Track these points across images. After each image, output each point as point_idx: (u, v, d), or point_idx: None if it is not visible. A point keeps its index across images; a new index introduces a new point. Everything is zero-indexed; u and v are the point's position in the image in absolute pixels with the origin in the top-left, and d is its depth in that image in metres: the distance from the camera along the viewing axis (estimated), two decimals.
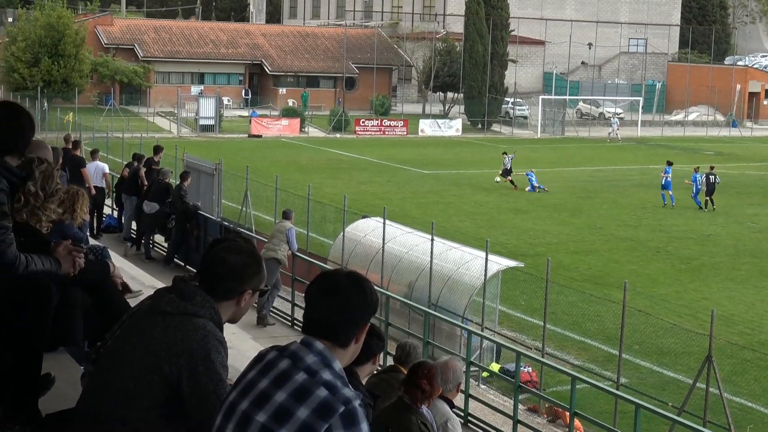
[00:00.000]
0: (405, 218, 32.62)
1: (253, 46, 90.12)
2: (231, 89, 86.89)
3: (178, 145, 38.48)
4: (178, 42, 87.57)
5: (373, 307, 3.82)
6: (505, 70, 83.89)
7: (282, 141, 65.38)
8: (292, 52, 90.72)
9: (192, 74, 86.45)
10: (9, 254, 5.42)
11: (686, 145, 70.56)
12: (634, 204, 43.78)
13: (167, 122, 71.54)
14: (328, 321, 3.75)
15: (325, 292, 3.76)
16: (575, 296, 25.19)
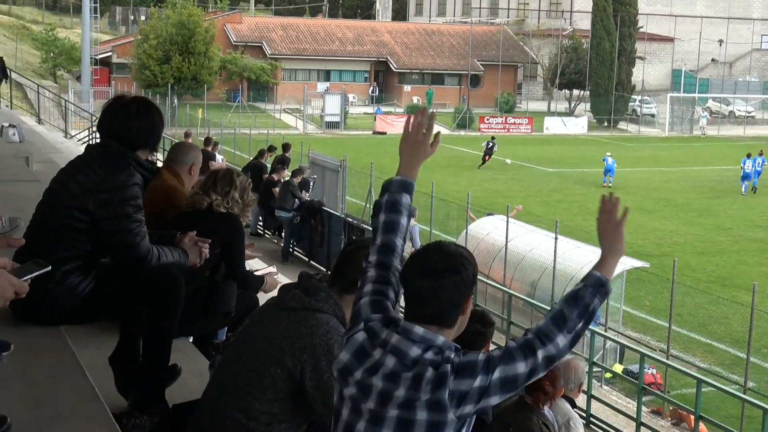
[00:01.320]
0: (528, 216, 32.44)
1: (379, 43, 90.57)
2: (356, 86, 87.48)
3: (303, 141, 38.93)
4: (305, 39, 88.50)
5: (472, 282, 3.82)
6: (633, 67, 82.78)
7: None
8: (417, 49, 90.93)
9: (318, 71, 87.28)
10: (143, 247, 5.62)
11: None
12: (764, 204, 42.79)
13: (293, 119, 72.39)
14: (426, 306, 3.77)
15: (420, 276, 3.77)
16: (702, 297, 24.75)
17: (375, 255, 4.11)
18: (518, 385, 3.72)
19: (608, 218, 4.13)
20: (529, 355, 3.71)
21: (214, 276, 6.72)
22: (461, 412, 3.65)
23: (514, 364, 3.69)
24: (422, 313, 3.77)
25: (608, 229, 4.10)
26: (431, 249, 3.86)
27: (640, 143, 68.14)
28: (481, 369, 3.67)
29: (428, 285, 3.74)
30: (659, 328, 23.30)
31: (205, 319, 6.73)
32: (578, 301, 3.84)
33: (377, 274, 4.06)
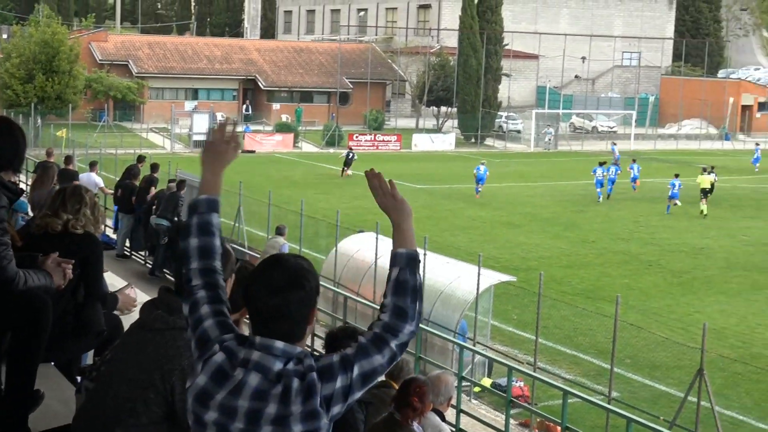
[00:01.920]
0: None
1: (248, 61, 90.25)
2: (225, 104, 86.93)
3: (171, 160, 38.55)
4: (172, 58, 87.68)
5: (316, 292, 3.87)
6: (499, 84, 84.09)
7: (275, 156, 65.47)
8: (286, 67, 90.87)
9: (186, 90, 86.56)
10: (9, 270, 5.51)
11: (679, 158, 70.68)
12: (627, 218, 43.90)
13: (161, 138, 71.61)
14: (277, 323, 3.79)
15: (266, 295, 3.78)
16: (567, 310, 25.26)
17: (199, 279, 4.05)
18: (378, 376, 3.84)
19: (382, 192, 4.26)
20: (383, 348, 3.82)
21: (75, 297, 6.64)
22: (332, 413, 3.71)
23: (371, 358, 3.79)
24: (272, 330, 3.78)
25: (387, 200, 4.23)
26: (272, 266, 3.86)
27: (507, 159, 69.24)
28: (340, 369, 3.74)
29: (275, 303, 3.75)
30: (526, 341, 23.69)
31: (76, 340, 6.63)
32: (406, 289, 3.94)
33: (210, 295, 4.02)
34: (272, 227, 25.44)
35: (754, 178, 60.57)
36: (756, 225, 42.90)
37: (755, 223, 43.34)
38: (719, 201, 49.79)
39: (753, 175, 62.28)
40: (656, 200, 49.32)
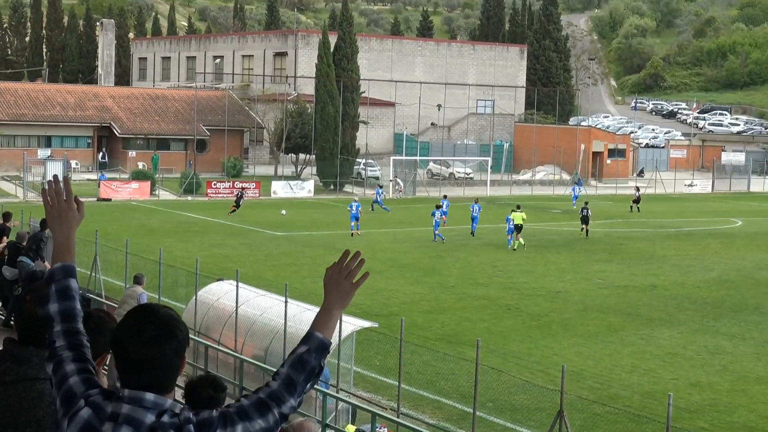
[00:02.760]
0: (259, 281, 32.47)
1: (102, 108, 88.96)
2: (80, 152, 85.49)
3: (24, 209, 37.62)
4: (23, 105, 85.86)
5: (186, 343, 3.83)
6: (357, 131, 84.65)
7: (132, 204, 64.52)
8: (141, 114, 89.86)
9: (39, 137, 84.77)
10: None
11: (534, 204, 72.08)
12: (485, 262, 44.46)
13: (13, 186, 69.90)
14: (148, 374, 3.70)
15: (137, 345, 3.70)
16: (429, 355, 25.36)
17: (63, 340, 4.06)
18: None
19: (346, 274, 4.22)
20: (265, 413, 3.80)
21: None
22: None
23: (253, 422, 3.76)
24: (143, 381, 3.69)
25: (342, 283, 4.19)
26: (141, 316, 3.79)
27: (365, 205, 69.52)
28: (219, 425, 3.67)
29: (148, 354, 3.67)
30: (390, 387, 23.67)
31: None
32: (305, 366, 3.91)
33: (74, 354, 4.01)
34: (130, 276, 24.97)
35: (608, 222, 62.00)
36: (610, 268, 43.90)
37: (609, 267, 44.35)
38: (574, 245, 50.91)
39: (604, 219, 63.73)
40: None
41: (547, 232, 56.20)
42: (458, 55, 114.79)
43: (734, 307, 36.16)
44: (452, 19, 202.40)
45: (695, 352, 29.07)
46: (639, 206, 67.94)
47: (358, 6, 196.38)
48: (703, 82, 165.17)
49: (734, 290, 39.50)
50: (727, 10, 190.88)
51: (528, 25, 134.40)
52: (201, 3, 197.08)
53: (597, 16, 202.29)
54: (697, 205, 73.72)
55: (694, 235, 57.48)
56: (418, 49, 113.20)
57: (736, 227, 60.50)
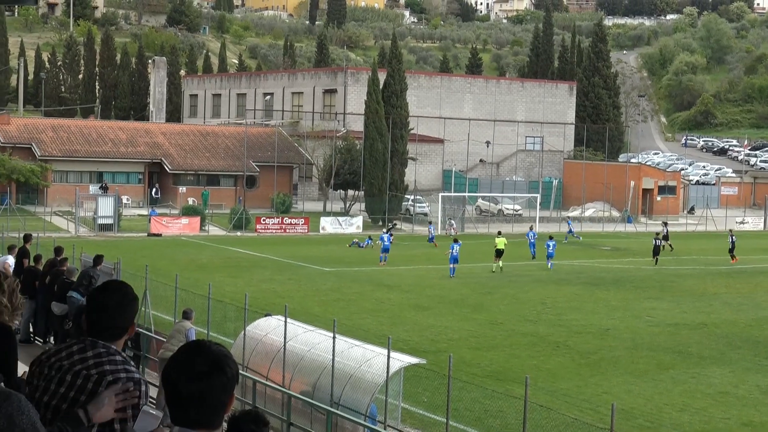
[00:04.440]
0: (307, 316, 32.51)
1: (153, 144, 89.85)
2: (130, 188, 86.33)
3: (75, 244, 38.00)
4: (76, 141, 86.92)
5: (236, 380, 3.84)
6: (405, 167, 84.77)
7: (182, 240, 64.96)
8: (192, 150, 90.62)
9: (90, 173, 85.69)
10: None
11: (583, 241, 71.73)
12: (533, 299, 44.23)
13: (65, 221, 70.64)
14: (197, 410, 3.72)
15: (186, 379, 3.72)
16: (477, 392, 25.22)
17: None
18: None
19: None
20: None
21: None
22: None
23: None
24: (192, 416, 3.71)
25: None
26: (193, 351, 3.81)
27: (414, 242, 69.56)
28: None
29: (197, 389, 3.70)
30: (437, 424, 23.56)
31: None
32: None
33: None
34: (179, 311, 25.09)
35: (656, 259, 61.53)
36: (660, 306, 43.52)
37: (659, 304, 43.96)
38: (623, 282, 50.54)
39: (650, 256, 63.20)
40: (562, 281, 49.89)
41: (597, 269, 55.85)
42: (507, 91, 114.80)
43: None
44: (501, 56, 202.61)
45: (747, 391, 28.70)
46: (670, 243, 66.87)
47: (407, 43, 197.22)
48: (755, 119, 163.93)
49: None
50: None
51: (577, 62, 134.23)
52: (251, 41, 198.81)
53: (647, 53, 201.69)
54: (749, 243, 72.94)
55: (746, 273, 56.88)
56: (467, 85, 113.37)
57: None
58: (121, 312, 5.17)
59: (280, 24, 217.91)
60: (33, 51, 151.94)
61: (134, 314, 5.29)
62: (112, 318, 5.14)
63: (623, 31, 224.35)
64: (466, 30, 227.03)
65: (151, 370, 24.42)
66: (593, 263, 58.71)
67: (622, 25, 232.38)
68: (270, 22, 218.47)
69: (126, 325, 5.21)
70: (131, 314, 5.23)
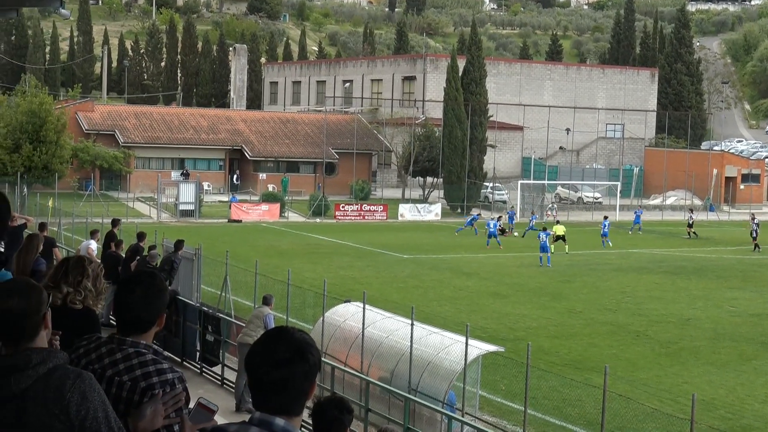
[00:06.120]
0: (385, 303, 32.59)
1: (234, 131, 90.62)
2: (211, 174, 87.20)
3: (157, 230, 38.50)
4: (158, 128, 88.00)
5: (318, 368, 3.86)
6: (484, 155, 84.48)
7: (262, 226, 65.47)
8: (272, 137, 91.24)
9: (172, 159, 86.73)
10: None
11: (664, 229, 70.94)
12: (613, 288, 43.86)
13: (147, 207, 71.58)
14: (279, 396, 3.76)
15: (269, 367, 3.76)
16: (556, 381, 25.11)
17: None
18: None
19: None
20: None
21: None
22: None
23: None
24: (273, 403, 3.75)
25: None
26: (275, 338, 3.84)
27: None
28: None
29: (279, 376, 3.73)
30: (515, 412, 23.51)
31: None
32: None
33: None
34: (259, 297, 25.31)
35: (740, 249, 60.67)
36: (742, 296, 42.91)
37: (742, 294, 43.35)
38: (705, 272, 49.92)
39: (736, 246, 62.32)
40: (643, 270, 49.42)
41: (678, 258, 55.21)
42: (587, 78, 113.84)
43: None
44: (582, 42, 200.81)
45: None
46: (695, 231, 66.15)
47: (487, 30, 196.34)
48: None
49: None
50: None
51: (659, 48, 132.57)
52: (331, 28, 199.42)
53: (731, 39, 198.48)
54: None
55: None
56: (547, 72, 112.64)
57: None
58: (146, 304, 4.99)
59: (359, 11, 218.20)
60: (116, 39, 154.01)
61: (163, 306, 5.09)
62: (138, 311, 4.98)
63: (707, 16, 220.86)
64: (546, 16, 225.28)
65: (230, 354, 24.69)
66: (674, 252, 58.04)
67: (706, 11, 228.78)
68: (350, 10, 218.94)
69: (153, 318, 5.04)
70: (159, 306, 5.05)
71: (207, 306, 26.58)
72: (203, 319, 24.71)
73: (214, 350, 24.40)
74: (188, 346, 25.27)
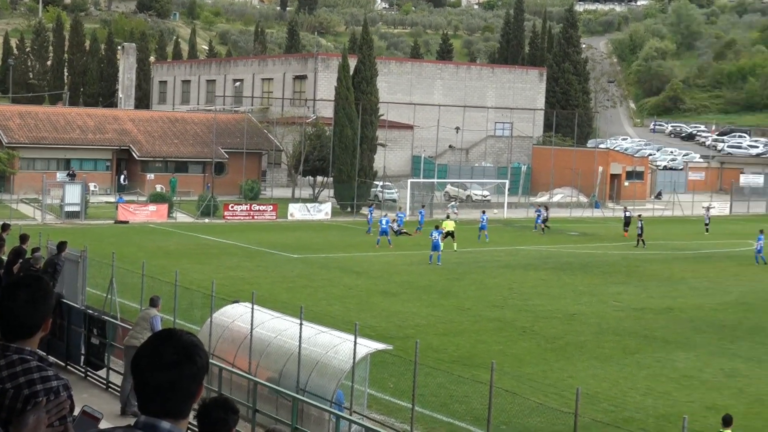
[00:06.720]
0: (274, 303, 32.53)
1: (121, 131, 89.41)
2: (98, 175, 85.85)
3: (42, 232, 37.84)
4: (44, 128, 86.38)
5: (205, 370, 3.84)
6: (375, 153, 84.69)
7: (149, 227, 64.73)
8: (160, 137, 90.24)
9: (58, 160, 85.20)
10: None
11: (551, 226, 71.99)
12: (500, 285, 44.40)
13: (32, 209, 70.21)
14: (165, 399, 3.73)
15: (155, 368, 3.73)
16: (443, 378, 25.35)
17: None
18: None
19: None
20: None
21: None
22: None
23: None
24: (160, 407, 3.72)
25: None
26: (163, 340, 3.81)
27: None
28: None
29: (166, 378, 3.70)
30: (403, 410, 23.63)
31: None
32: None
33: None
34: (146, 298, 25.04)
35: (624, 245, 61.91)
36: (626, 290, 43.80)
37: (626, 289, 44.25)
38: (590, 267, 50.80)
39: (618, 242, 63.58)
40: (530, 267, 50.09)
41: (564, 254, 56.09)
42: (477, 77, 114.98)
43: (752, 329, 36.04)
44: (472, 42, 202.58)
45: (711, 374, 28.98)
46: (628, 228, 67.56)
47: (378, 29, 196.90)
48: (723, 105, 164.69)
49: (752, 313, 39.36)
50: (747, 32, 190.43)
51: (548, 47, 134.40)
52: (222, 27, 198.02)
53: (617, 39, 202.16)
54: (716, 228, 73.43)
55: (712, 258, 57.32)
56: (438, 71, 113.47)
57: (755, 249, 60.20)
58: (31, 309, 4.87)
59: (250, 10, 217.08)
60: (1, 37, 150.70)
61: (49, 311, 4.93)
62: (22, 316, 4.85)
63: (594, 16, 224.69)
64: (437, 16, 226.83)
65: (116, 357, 24.40)
66: (561, 248, 58.96)
67: (593, 11, 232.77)
68: (241, 8, 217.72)
69: (38, 323, 4.90)
70: (44, 311, 4.91)
71: (92, 309, 26.20)
72: (88, 322, 24.37)
73: (99, 353, 24.10)
74: (72, 349, 24.90)
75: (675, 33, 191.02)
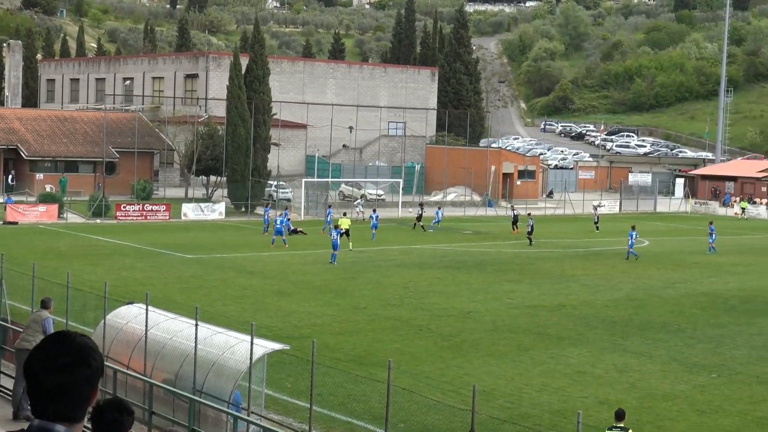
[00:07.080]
0: (169, 304, 32.19)
1: (8, 130, 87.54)
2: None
3: None
4: None
5: (100, 372, 3.77)
6: (268, 153, 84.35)
7: (39, 228, 63.51)
8: (49, 136, 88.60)
9: None
10: None
11: (445, 225, 72.48)
12: (396, 284, 44.57)
13: None
14: (59, 402, 3.65)
15: (48, 371, 3.65)
16: (341, 377, 25.35)
17: None
18: None
19: None
20: None
21: None
22: None
23: None
24: (54, 410, 3.64)
25: None
26: (56, 343, 3.73)
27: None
28: None
29: (60, 381, 3.63)
30: (301, 410, 23.58)
31: None
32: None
33: None
34: (37, 301, 24.57)
35: (517, 243, 62.64)
36: (520, 288, 44.33)
37: (519, 287, 44.77)
38: (485, 266, 51.31)
39: (513, 239, 64.35)
40: (425, 265, 50.38)
41: (458, 253, 56.56)
42: (370, 77, 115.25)
43: (642, 325, 36.75)
44: (364, 41, 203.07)
45: (604, 370, 29.47)
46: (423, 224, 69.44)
47: (270, 28, 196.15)
48: (611, 105, 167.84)
49: (641, 309, 40.15)
50: (633, 34, 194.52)
51: (439, 48, 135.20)
52: (111, 25, 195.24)
53: (507, 39, 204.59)
54: (605, 226, 74.77)
55: (602, 255, 58.32)
56: (330, 71, 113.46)
57: (643, 247, 61.50)
58: None
59: (140, 8, 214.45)
60: None
61: None
62: None
63: (484, 17, 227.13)
64: (328, 15, 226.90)
65: (7, 361, 23.88)
66: (455, 247, 59.42)
67: (483, 12, 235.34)
68: (130, 6, 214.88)
69: None
70: None
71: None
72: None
73: None
74: None
75: (563, 34, 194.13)
